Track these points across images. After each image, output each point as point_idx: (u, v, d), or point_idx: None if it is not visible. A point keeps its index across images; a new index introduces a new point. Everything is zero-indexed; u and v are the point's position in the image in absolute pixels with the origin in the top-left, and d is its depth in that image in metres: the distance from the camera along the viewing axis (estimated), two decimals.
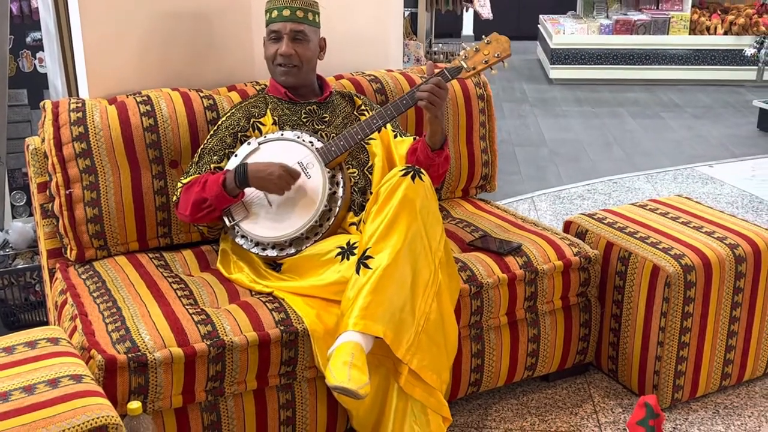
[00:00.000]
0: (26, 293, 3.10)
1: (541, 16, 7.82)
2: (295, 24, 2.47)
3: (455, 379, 2.47)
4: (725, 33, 6.84)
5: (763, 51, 5.36)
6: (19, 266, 3.10)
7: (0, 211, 3.37)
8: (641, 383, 2.59)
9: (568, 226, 2.84)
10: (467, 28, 8.99)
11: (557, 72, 7.13)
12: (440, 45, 5.13)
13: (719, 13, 6.92)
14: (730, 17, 6.87)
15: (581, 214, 2.89)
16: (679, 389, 2.56)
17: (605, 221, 2.77)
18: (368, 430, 2.29)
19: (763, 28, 5.35)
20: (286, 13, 2.46)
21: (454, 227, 2.74)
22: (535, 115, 6.21)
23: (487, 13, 4.76)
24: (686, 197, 3.03)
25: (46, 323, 2.70)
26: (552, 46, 7.11)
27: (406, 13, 4.58)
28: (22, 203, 3.58)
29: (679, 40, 6.93)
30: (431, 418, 2.23)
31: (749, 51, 5.53)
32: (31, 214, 3.46)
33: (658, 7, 7.13)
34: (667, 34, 6.93)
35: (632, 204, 2.98)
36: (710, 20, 6.91)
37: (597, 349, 2.74)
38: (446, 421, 2.27)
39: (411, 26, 4.69)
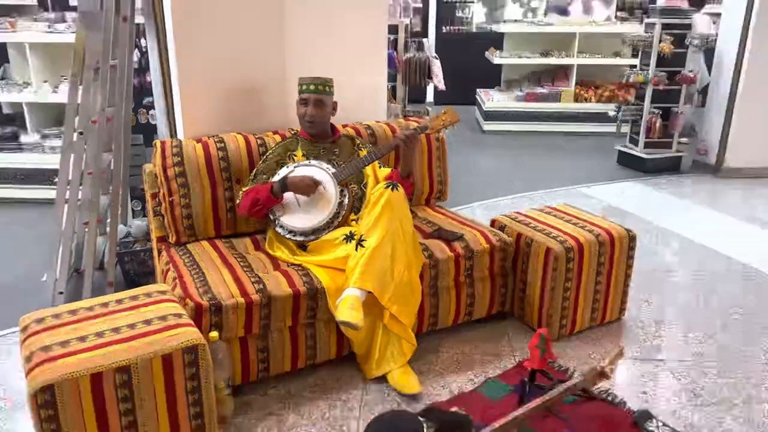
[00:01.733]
0: (142, 266, 3.12)
1: (478, 89, 7.85)
2: (318, 95, 2.48)
3: (420, 321, 2.49)
4: (597, 101, 6.93)
5: (620, 113, 5.44)
6: (137, 249, 3.14)
7: (125, 214, 3.41)
8: (539, 323, 2.62)
9: (493, 222, 2.85)
10: (429, 96, 9.01)
11: (489, 126, 7.11)
12: (411, 107, 5.17)
13: (593, 88, 7.01)
14: (600, 91, 6.96)
15: (502, 215, 2.91)
16: (563, 327, 2.60)
17: (517, 219, 2.80)
18: (363, 351, 2.33)
19: (621, 98, 5.43)
20: (312, 87, 2.48)
21: (419, 223, 2.75)
22: (474, 154, 6.22)
23: (441, 86, 4.82)
24: (569, 205, 3.05)
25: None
26: (485, 109, 7.12)
27: (389, 86, 4.64)
28: (138, 208, 3.60)
29: (567, 105, 6.96)
30: (403, 344, 2.29)
31: (611, 113, 5.61)
32: (144, 216, 3.48)
33: (553, 84, 7.19)
34: (560, 101, 6.99)
35: (533, 209, 3.00)
36: (587, 93, 6.99)
37: (511, 302, 2.75)
38: (412, 346, 2.32)
39: (392, 94, 4.73)
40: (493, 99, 7.22)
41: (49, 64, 4.62)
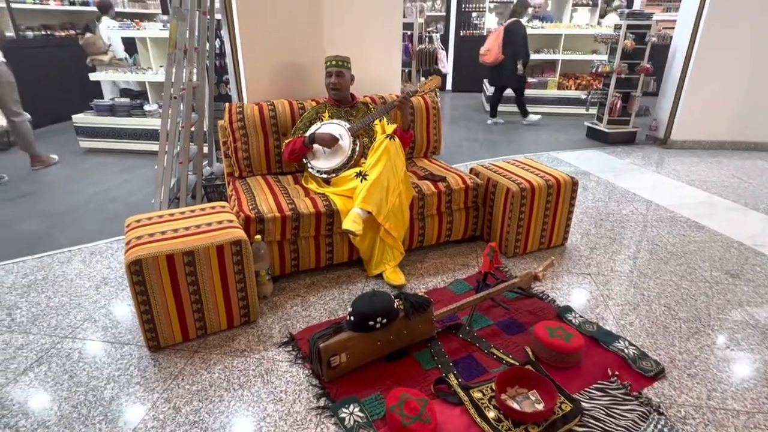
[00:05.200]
0: (220, 195, 3.18)
1: (484, 79, 7.55)
2: (339, 68, 2.49)
3: (411, 238, 2.51)
4: (576, 89, 6.61)
5: (589, 97, 5.20)
6: (218, 183, 3.22)
7: (211, 159, 3.54)
8: (500, 244, 2.60)
9: (471, 170, 2.79)
10: (448, 85, 8.72)
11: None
12: None
13: (573, 78, 6.69)
14: (578, 81, 6.65)
15: (480, 165, 2.82)
16: (517, 247, 2.58)
17: (489, 168, 2.74)
18: (367, 257, 2.38)
19: (592, 86, 5.14)
20: (334, 63, 2.49)
21: (416, 169, 2.73)
22: (476, 129, 6.04)
23: (445, 70, 4.68)
24: (531, 159, 2.95)
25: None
26: (488, 94, 6.85)
27: (406, 70, 4.55)
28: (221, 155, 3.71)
29: (551, 92, 6.68)
30: (395, 253, 2.33)
31: (584, 97, 5.37)
32: None
33: (542, 75, 6.91)
34: (546, 89, 6.74)
35: (504, 161, 2.89)
36: (568, 82, 6.67)
37: (481, 228, 2.73)
38: (401, 254, 2.35)
39: (408, 77, 4.65)
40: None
41: (163, 54, 4.73)
